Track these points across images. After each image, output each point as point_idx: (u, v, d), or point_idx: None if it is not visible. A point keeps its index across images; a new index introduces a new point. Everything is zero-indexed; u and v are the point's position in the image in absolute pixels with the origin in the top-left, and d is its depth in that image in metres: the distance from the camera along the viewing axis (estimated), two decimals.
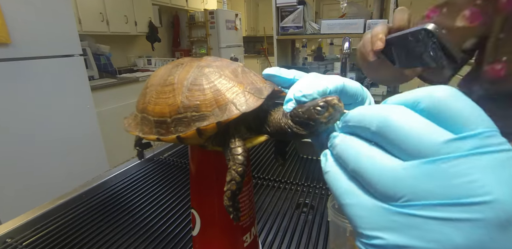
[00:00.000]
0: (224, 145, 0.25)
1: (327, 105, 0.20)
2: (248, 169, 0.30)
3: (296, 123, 0.22)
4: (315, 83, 0.22)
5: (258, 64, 5.62)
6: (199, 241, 0.33)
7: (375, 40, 0.46)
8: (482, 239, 0.12)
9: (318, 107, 0.20)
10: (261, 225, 0.47)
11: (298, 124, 0.22)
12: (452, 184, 0.13)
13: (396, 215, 0.14)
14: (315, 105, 0.20)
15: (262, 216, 0.49)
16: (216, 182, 0.29)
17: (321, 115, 0.20)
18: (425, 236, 0.13)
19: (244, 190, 0.30)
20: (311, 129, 0.22)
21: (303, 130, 0.22)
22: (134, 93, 2.67)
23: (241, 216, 0.29)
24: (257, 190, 0.58)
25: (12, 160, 1.49)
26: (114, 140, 2.26)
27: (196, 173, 0.31)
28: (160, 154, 0.75)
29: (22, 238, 0.45)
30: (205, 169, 0.30)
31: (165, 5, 3.77)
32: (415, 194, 0.13)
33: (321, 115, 0.20)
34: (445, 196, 0.13)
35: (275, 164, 0.68)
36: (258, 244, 0.36)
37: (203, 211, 0.31)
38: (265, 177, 0.62)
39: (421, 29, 0.38)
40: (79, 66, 1.78)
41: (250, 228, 0.32)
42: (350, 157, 0.16)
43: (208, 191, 0.30)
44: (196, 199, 0.32)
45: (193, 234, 0.33)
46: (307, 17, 1.97)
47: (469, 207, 0.12)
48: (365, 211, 0.15)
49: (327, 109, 0.20)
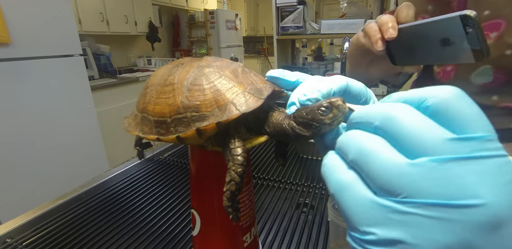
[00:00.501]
0: (224, 145, 0.25)
1: (331, 106, 0.20)
2: (248, 170, 0.30)
3: (299, 124, 0.22)
4: (319, 86, 0.22)
5: (258, 64, 5.62)
6: (199, 241, 0.33)
7: (386, 28, 0.40)
8: (471, 240, 0.12)
9: (322, 108, 0.20)
10: (261, 225, 0.47)
11: (301, 125, 0.22)
12: (450, 185, 0.13)
13: (393, 211, 0.14)
14: (319, 106, 0.20)
15: (262, 216, 0.49)
16: (216, 182, 0.29)
17: (325, 116, 0.20)
18: (418, 234, 0.13)
19: (244, 190, 0.30)
20: (314, 130, 0.22)
21: (306, 131, 0.22)
22: (134, 93, 2.67)
23: (241, 216, 0.29)
24: (257, 190, 0.58)
25: (12, 160, 1.49)
26: (114, 140, 2.26)
27: (196, 173, 0.31)
28: (160, 154, 0.75)
29: (22, 238, 0.45)
30: (205, 169, 0.30)
31: (165, 5, 3.77)
32: (415, 192, 0.13)
33: (325, 116, 0.20)
34: (442, 196, 0.13)
35: (275, 164, 0.68)
36: (258, 244, 0.36)
37: (203, 211, 0.31)
38: (265, 177, 0.62)
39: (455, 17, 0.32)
40: (79, 66, 1.78)
41: (250, 228, 0.32)
42: (351, 146, 0.16)
43: (208, 191, 0.30)
44: (196, 199, 0.32)
45: (193, 234, 0.33)
46: (307, 17, 1.97)
47: (461, 209, 0.12)
48: (362, 206, 0.15)
49: (331, 110, 0.20)
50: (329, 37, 2.44)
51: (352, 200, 0.15)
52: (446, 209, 0.13)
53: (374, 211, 0.14)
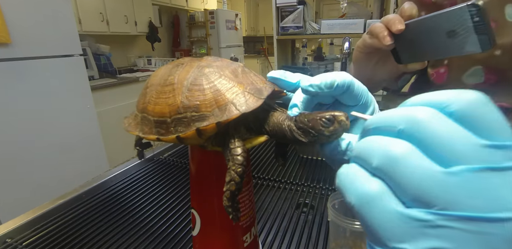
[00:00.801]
0: (224, 145, 0.25)
1: (334, 120, 0.20)
2: (248, 169, 0.30)
3: (298, 129, 0.23)
4: (324, 75, 0.22)
5: (258, 64, 5.62)
6: (199, 241, 0.33)
7: (392, 22, 0.40)
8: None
9: (324, 119, 0.20)
10: (261, 225, 0.47)
11: (300, 130, 0.23)
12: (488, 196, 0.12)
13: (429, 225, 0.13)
14: (322, 117, 0.21)
15: (262, 216, 0.49)
16: (216, 182, 0.29)
17: (326, 128, 0.20)
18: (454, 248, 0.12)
19: (244, 190, 0.30)
20: (311, 138, 0.22)
21: (303, 137, 0.22)
22: (134, 93, 2.67)
23: (241, 216, 0.29)
24: (257, 190, 0.58)
25: (12, 160, 1.49)
26: (114, 140, 2.26)
27: (196, 173, 0.31)
28: (160, 154, 0.75)
29: (22, 238, 0.45)
30: (205, 169, 0.30)
31: (165, 5, 3.77)
32: (453, 203, 0.12)
33: (326, 128, 0.20)
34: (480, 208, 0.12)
35: (275, 164, 0.68)
36: (258, 244, 0.36)
37: (203, 211, 0.31)
38: (265, 177, 0.62)
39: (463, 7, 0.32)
40: (79, 66, 1.78)
41: (250, 228, 0.32)
42: (376, 152, 0.15)
43: (208, 191, 0.30)
44: (196, 199, 0.32)
45: (193, 234, 0.33)
46: (307, 17, 1.97)
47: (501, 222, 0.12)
48: (393, 220, 0.13)
49: (333, 123, 0.20)
50: (329, 37, 2.44)
51: (380, 213, 0.14)
52: (485, 222, 0.12)
53: (406, 225, 0.13)
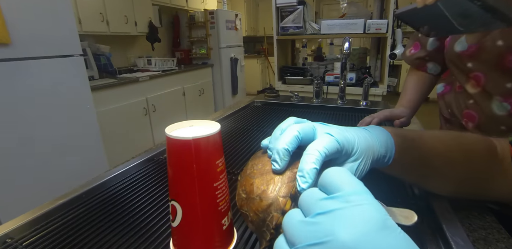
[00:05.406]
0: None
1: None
2: (222, 159, 0.33)
3: None
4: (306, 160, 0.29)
5: (258, 64, 5.62)
6: (181, 230, 0.34)
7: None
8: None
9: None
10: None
11: None
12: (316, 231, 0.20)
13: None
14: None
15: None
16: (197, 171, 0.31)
17: None
18: None
19: (221, 177, 0.33)
20: None
21: None
22: (134, 93, 2.67)
23: (219, 201, 0.33)
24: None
25: (12, 160, 1.49)
26: (114, 140, 2.26)
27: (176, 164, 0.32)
28: (160, 154, 0.75)
29: (22, 238, 0.45)
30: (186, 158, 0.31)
31: (165, 5, 3.77)
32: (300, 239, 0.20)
33: None
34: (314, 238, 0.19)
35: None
36: (233, 227, 0.39)
37: (184, 200, 0.33)
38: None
39: None
40: (79, 66, 1.78)
41: (227, 212, 0.35)
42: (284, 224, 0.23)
43: (188, 180, 0.32)
44: (175, 190, 0.33)
45: (173, 225, 0.34)
46: (307, 17, 1.97)
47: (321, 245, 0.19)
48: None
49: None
50: (329, 37, 2.44)
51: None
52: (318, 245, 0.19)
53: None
